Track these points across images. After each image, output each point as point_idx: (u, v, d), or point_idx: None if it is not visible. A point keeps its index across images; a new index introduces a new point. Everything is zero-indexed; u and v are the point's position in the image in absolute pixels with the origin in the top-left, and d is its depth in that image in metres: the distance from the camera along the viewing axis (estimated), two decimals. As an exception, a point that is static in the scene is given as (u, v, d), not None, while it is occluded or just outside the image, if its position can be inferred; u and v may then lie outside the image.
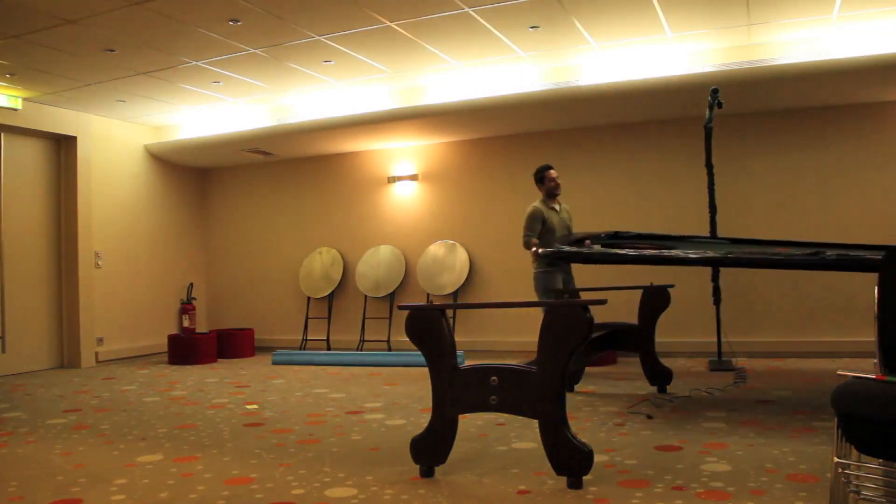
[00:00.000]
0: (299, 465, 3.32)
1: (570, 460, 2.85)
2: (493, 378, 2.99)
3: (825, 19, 5.25)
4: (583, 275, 5.70)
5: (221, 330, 8.23)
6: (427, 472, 3.06)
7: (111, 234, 7.82)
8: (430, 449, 3.08)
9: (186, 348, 7.45)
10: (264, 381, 6.13)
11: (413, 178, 7.98)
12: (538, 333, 2.96)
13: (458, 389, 3.06)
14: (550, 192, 5.59)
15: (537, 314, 3.01)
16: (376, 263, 7.97)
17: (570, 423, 2.99)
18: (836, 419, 2.14)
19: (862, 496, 2.19)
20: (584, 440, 2.93)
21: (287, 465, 3.33)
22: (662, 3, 4.92)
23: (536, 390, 2.92)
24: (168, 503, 2.81)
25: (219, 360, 7.68)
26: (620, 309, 5.24)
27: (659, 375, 5.00)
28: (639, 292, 5.22)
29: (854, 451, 2.15)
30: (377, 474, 3.12)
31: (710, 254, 4.33)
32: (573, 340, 2.88)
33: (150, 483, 3.08)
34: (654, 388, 5.02)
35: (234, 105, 7.44)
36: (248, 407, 4.89)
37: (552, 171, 5.62)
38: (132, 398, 5.36)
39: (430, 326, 3.12)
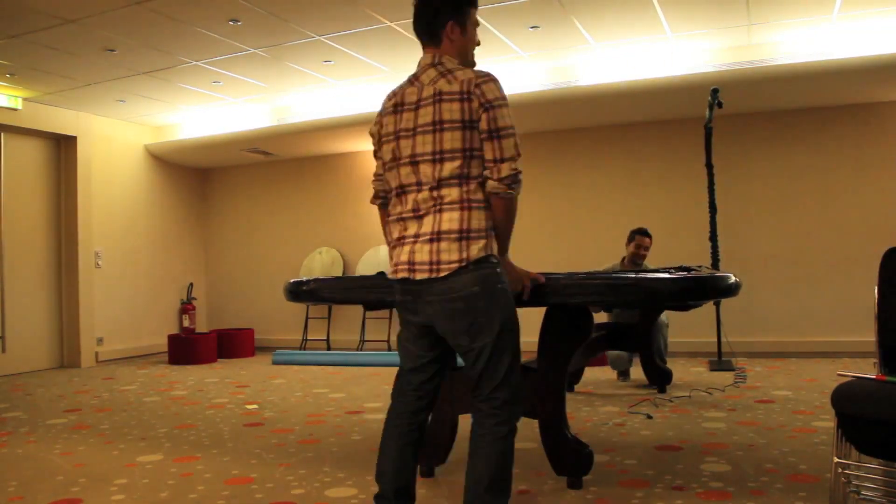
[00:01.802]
0: (299, 465, 3.32)
1: (570, 460, 2.85)
2: (493, 378, 2.98)
3: (825, 19, 5.25)
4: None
5: (221, 330, 8.23)
6: (427, 472, 3.06)
7: (111, 234, 7.82)
8: (430, 449, 3.08)
9: (186, 348, 7.45)
10: (264, 381, 6.13)
11: (413, 178, 7.97)
12: (538, 334, 2.96)
13: (458, 389, 3.06)
14: (632, 259, 5.39)
15: (537, 314, 3.00)
16: (376, 263, 7.96)
17: (570, 423, 2.99)
18: (836, 419, 2.14)
19: (862, 496, 2.19)
20: (584, 440, 2.93)
21: (287, 465, 3.33)
22: (662, 2, 4.92)
23: (536, 390, 2.92)
24: (168, 503, 2.81)
25: (219, 360, 7.68)
26: (620, 309, 5.24)
27: (659, 375, 5.00)
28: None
29: (854, 451, 2.16)
30: (377, 474, 3.11)
31: None
32: (573, 340, 2.88)
33: (150, 483, 3.08)
34: (654, 388, 5.02)
35: (234, 105, 7.44)
36: (248, 407, 4.89)
37: (644, 239, 5.36)
38: (132, 398, 5.36)
39: (429, 326, 3.11)
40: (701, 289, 2.78)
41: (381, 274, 2.89)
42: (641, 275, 2.79)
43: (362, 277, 3.29)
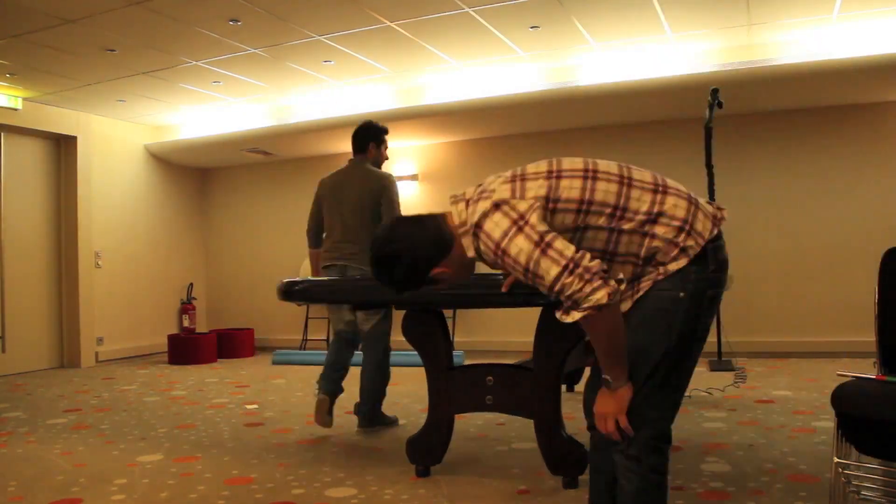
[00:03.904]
0: (299, 465, 3.32)
1: (565, 460, 2.86)
2: (489, 378, 2.99)
3: (825, 19, 5.25)
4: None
5: (221, 330, 8.23)
6: (423, 472, 3.06)
7: (111, 234, 7.82)
8: (426, 449, 3.08)
9: (186, 348, 7.45)
10: (264, 381, 6.13)
11: (413, 178, 7.98)
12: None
13: (454, 389, 3.06)
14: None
15: (534, 313, 3.00)
16: (376, 263, 7.96)
17: (570, 423, 2.99)
18: (836, 419, 2.14)
19: (862, 496, 2.19)
20: (583, 440, 2.92)
21: (287, 465, 3.33)
22: (662, 2, 4.92)
23: (532, 390, 2.92)
24: (168, 503, 2.81)
25: (219, 360, 7.67)
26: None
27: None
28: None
29: (854, 451, 2.15)
30: (377, 474, 3.12)
31: None
32: (568, 340, 2.89)
33: (150, 483, 3.08)
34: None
35: (234, 105, 7.43)
36: (248, 407, 4.89)
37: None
38: (132, 398, 5.36)
39: (425, 326, 3.11)
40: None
41: None
42: None
43: (353, 279, 3.28)
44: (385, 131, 4.33)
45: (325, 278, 3.86)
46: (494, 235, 1.69)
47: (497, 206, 1.71)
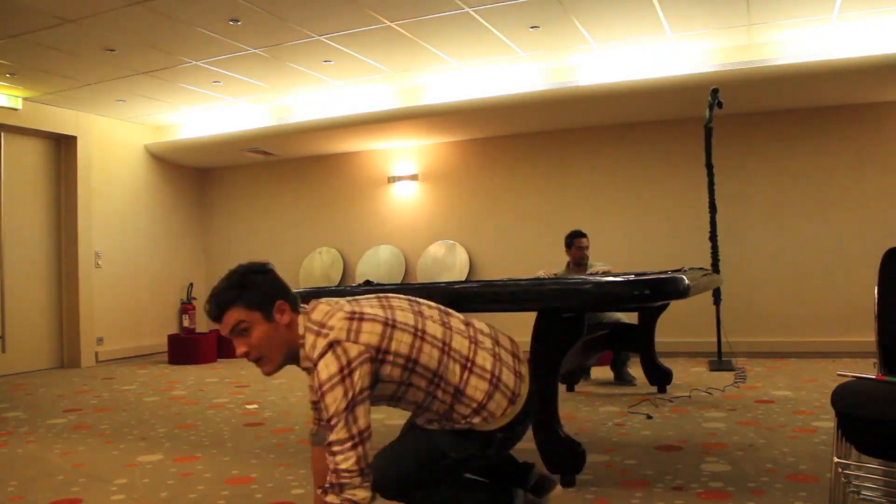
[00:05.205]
0: (299, 465, 3.32)
1: (563, 458, 2.86)
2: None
3: (825, 19, 5.25)
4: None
5: (221, 330, 8.22)
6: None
7: (111, 234, 7.82)
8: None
9: (186, 348, 7.45)
10: (264, 381, 6.13)
11: (413, 178, 7.98)
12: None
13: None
14: (577, 262, 5.43)
15: (535, 314, 3.01)
16: (376, 263, 7.97)
17: (571, 423, 2.99)
18: (836, 419, 2.14)
19: (862, 496, 2.19)
20: (584, 440, 2.92)
21: (287, 465, 3.33)
22: (662, 2, 4.92)
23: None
24: (168, 503, 2.81)
25: (219, 360, 7.68)
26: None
27: (659, 375, 5.00)
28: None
29: (854, 451, 2.15)
30: (377, 474, 3.11)
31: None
32: (564, 342, 2.89)
33: (150, 483, 3.08)
34: (654, 388, 5.02)
35: (234, 105, 7.43)
36: (248, 407, 4.89)
37: (582, 240, 5.43)
38: (132, 398, 5.36)
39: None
40: (650, 291, 2.77)
41: (368, 282, 2.87)
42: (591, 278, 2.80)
43: (319, 290, 3.25)
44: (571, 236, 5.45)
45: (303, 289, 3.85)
46: (321, 376, 1.81)
47: (331, 346, 1.83)
